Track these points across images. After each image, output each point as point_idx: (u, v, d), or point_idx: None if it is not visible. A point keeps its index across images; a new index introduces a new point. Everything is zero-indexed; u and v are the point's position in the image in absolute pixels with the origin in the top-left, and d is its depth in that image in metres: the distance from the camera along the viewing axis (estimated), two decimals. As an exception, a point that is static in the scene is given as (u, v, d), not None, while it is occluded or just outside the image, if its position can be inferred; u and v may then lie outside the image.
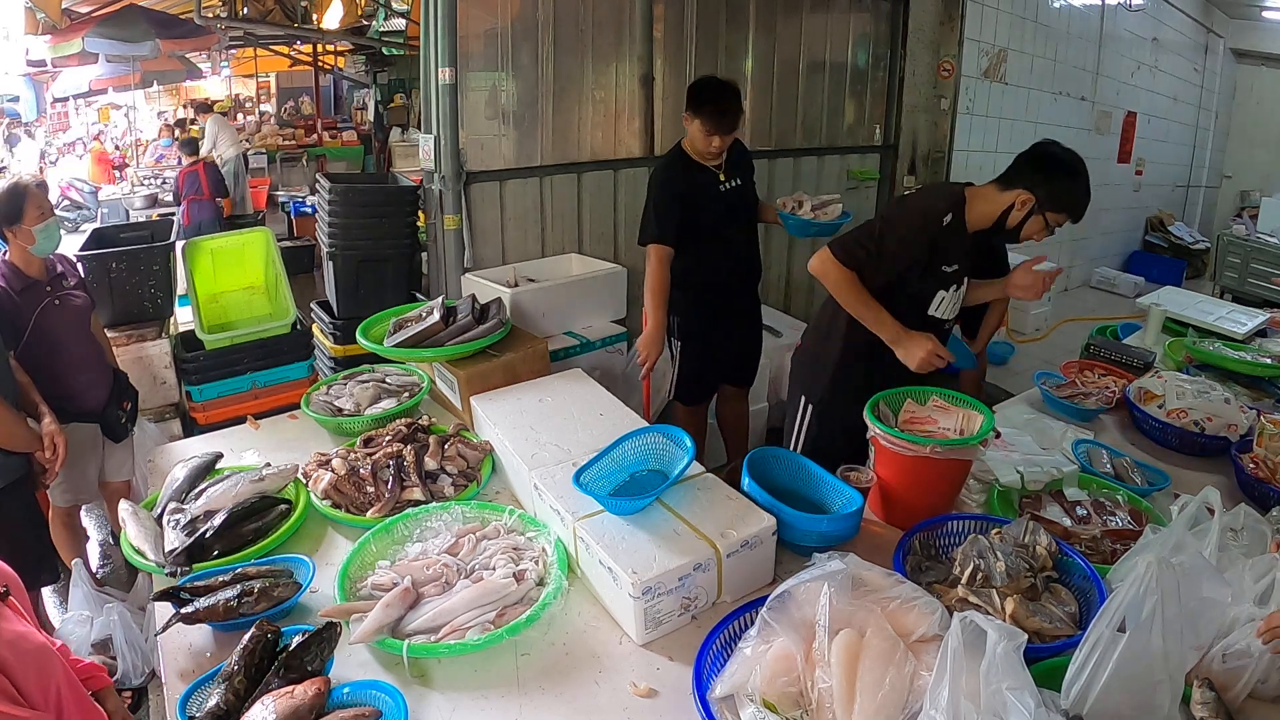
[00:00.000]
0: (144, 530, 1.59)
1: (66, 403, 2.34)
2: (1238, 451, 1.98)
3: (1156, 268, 7.56)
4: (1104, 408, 2.33)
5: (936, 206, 2.01)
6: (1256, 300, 5.09)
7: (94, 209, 8.87)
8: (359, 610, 1.36)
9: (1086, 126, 6.70)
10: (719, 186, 2.76)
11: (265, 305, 3.42)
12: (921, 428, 1.75)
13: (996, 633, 0.99)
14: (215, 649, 1.36)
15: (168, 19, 6.74)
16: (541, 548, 1.55)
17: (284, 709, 1.11)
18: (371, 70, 10.81)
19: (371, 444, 1.91)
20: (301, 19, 6.48)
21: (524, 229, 3.60)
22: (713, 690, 1.16)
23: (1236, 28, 8.47)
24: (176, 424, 3.22)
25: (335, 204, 3.19)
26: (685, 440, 1.65)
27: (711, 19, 4.07)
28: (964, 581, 1.38)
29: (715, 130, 2.62)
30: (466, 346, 2.17)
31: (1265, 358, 2.59)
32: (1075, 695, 1.09)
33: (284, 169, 9.36)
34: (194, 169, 6.69)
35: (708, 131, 2.63)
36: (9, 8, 6.10)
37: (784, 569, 1.48)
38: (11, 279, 2.30)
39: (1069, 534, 1.61)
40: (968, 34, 5.03)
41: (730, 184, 2.78)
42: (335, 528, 1.71)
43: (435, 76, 3.15)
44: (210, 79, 12.39)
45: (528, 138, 3.62)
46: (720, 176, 2.76)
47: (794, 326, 3.91)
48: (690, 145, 2.74)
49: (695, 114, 2.64)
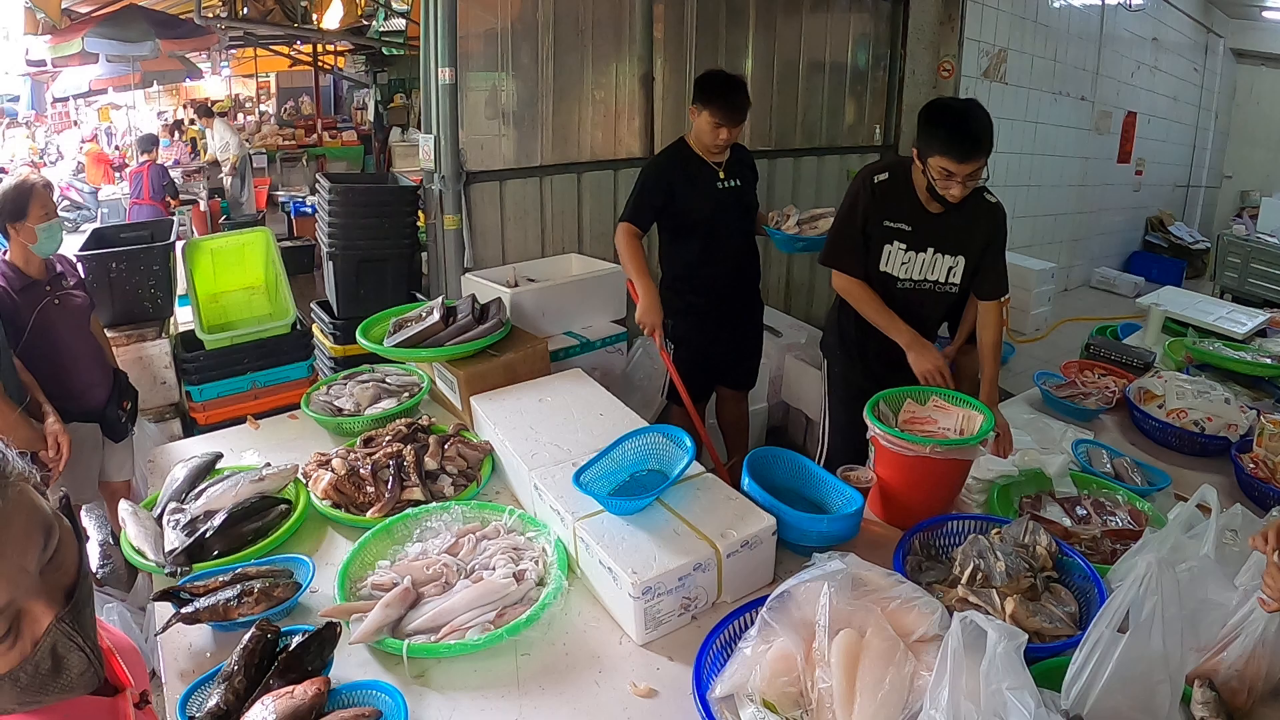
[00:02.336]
0: (144, 530, 1.59)
1: (66, 402, 2.34)
2: (1238, 451, 1.98)
3: (1156, 268, 7.56)
4: (1104, 408, 2.33)
5: (873, 169, 2.22)
6: (1256, 300, 5.10)
7: (94, 209, 8.87)
8: (359, 610, 1.36)
9: (1086, 126, 6.71)
10: (717, 183, 2.73)
11: (265, 305, 3.42)
12: (921, 428, 1.75)
13: (996, 633, 0.99)
14: (215, 649, 1.36)
15: (168, 19, 6.74)
16: (541, 548, 1.55)
17: (284, 709, 1.11)
18: (371, 70, 10.79)
19: (371, 444, 1.91)
20: (301, 19, 6.47)
21: (524, 229, 3.60)
22: (713, 690, 1.16)
23: (1236, 28, 8.48)
24: (176, 424, 3.22)
25: (335, 204, 3.19)
26: (685, 440, 1.65)
27: (711, 19, 4.07)
28: (964, 581, 1.38)
29: (724, 122, 2.59)
30: (466, 346, 2.17)
31: (1265, 358, 2.59)
32: (1075, 695, 1.09)
33: (284, 169, 9.35)
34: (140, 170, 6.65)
35: (716, 124, 2.60)
36: (9, 8, 6.11)
37: (784, 569, 1.48)
38: (11, 278, 2.30)
39: (1069, 534, 1.61)
40: (968, 34, 5.04)
41: (729, 183, 2.75)
42: (335, 528, 1.71)
43: (435, 76, 3.16)
44: (210, 79, 12.38)
45: (528, 138, 3.62)
46: (720, 174, 2.74)
47: (794, 326, 3.90)
48: (696, 139, 2.71)
49: (704, 105, 2.61)
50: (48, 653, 0.62)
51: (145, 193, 6.55)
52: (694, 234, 2.75)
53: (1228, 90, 8.89)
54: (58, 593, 0.63)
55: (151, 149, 6.95)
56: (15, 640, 0.61)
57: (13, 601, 0.59)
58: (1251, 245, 5.99)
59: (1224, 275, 6.13)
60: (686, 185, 2.70)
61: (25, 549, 0.60)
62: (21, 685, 0.62)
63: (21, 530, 0.60)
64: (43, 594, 0.62)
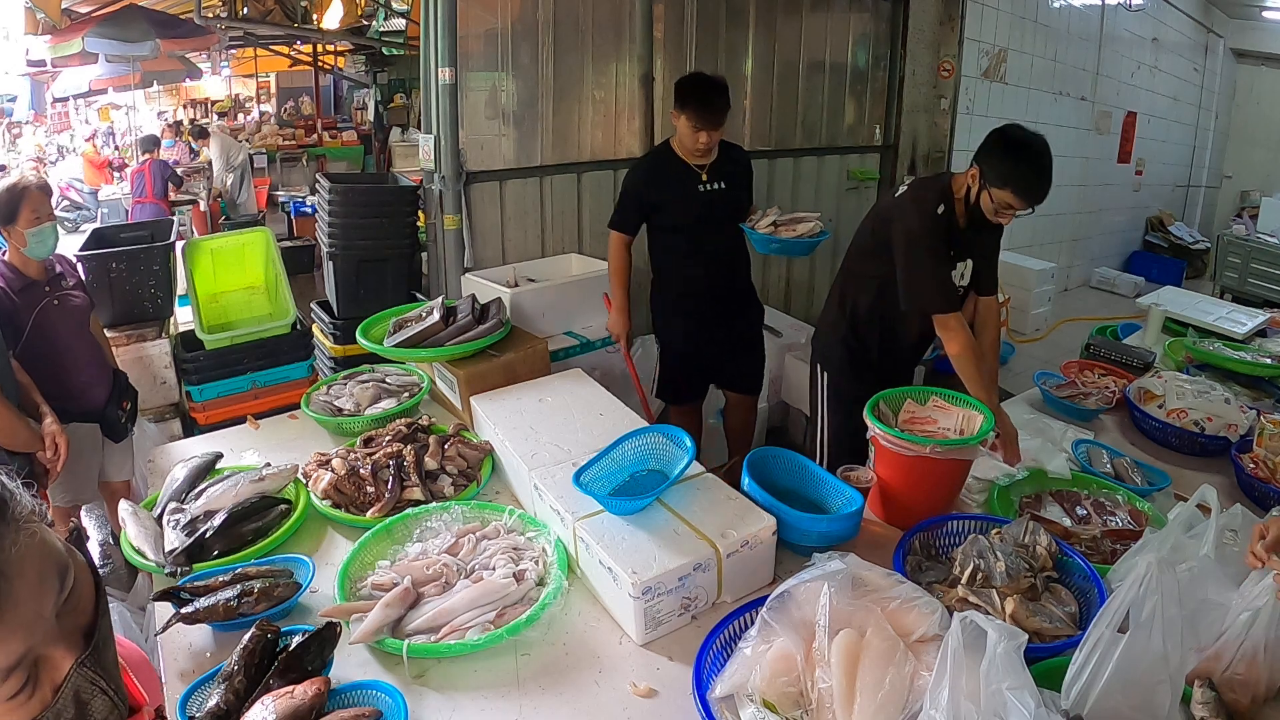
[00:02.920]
0: (144, 530, 1.59)
1: (66, 403, 2.33)
2: (1238, 451, 1.98)
3: (1156, 268, 7.57)
4: (1104, 408, 2.33)
5: (926, 200, 2.12)
6: (1256, 300, 5.10)
7: (94, 209, 8.87)
8: (359, 610, 1.36)
9: (1086, 126, 6.71)
10: (698, 186, 2.72)
11: (265, 305, 3.42)
12: (921, 428, 1.75)
13: (996, 633, 0.99)
14: (215, 649, 1.36)
15: (168, 19, 6.74)
16: (541, 548, 1.55)
17: (284, 709, 1.11)
18: (371, 70, 10.80)
19: (371, 444, 1.91)
20: (301, 19, 6.47)
21: (524, 229, 3.60)
22: (713, 690, 1.16)
23: (1236, 28, 8.48)
24: (176, 424, 3.22)
25: (335, 204, 3.19)
26: (685, 440, 1.65)
27: (711, 19, 4.07)
28: (964, 581, 1.38)
29: (702, 125, 2.59)
30: (466, 346, 2.17)
31: (1265, 358, 2.59)
32: (1075, 695, 1.09)
33: (284, 169, 9.36)
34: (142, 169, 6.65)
35: (694, 127, 2.60)
36: (9, 8, 6.11)
37: (784, 569, 1.48)
38: (10, 279, 2.30)
39: (1069, 534, 1.61)
40: (968, 34, 5.04)
41: (712, 186, 2.73)
42: (335, 528, 1.71)
43: (435, 76, 3.16)
44: (210, 79, 12.39)
45: (528, 138, 3.62)
46: (703, 177, 2.72)
47: (794, 326, 3.90)
48: (679, 143, 2.72)
49: (682, 109, 2.62)
50: (70, 700, 0.59)
51: (148, 191, 6.55)
52: (678, 235, 2.75)
53: (1228, 90, 8.89)
54: (76, 635, 0.61)
55: (153, 149, 6.95)
56: (35, 689, 0.58)
57: (31, 649, 0.57)
58: (1251, 245, 5.99)
59: (1224, 275, 6.13)
60: (667, 189, 2.71)
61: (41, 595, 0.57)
62: None
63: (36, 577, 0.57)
64: (61, 639, 0.59)
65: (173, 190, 6.85)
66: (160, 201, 6.60)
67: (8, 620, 0.54)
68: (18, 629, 0.55)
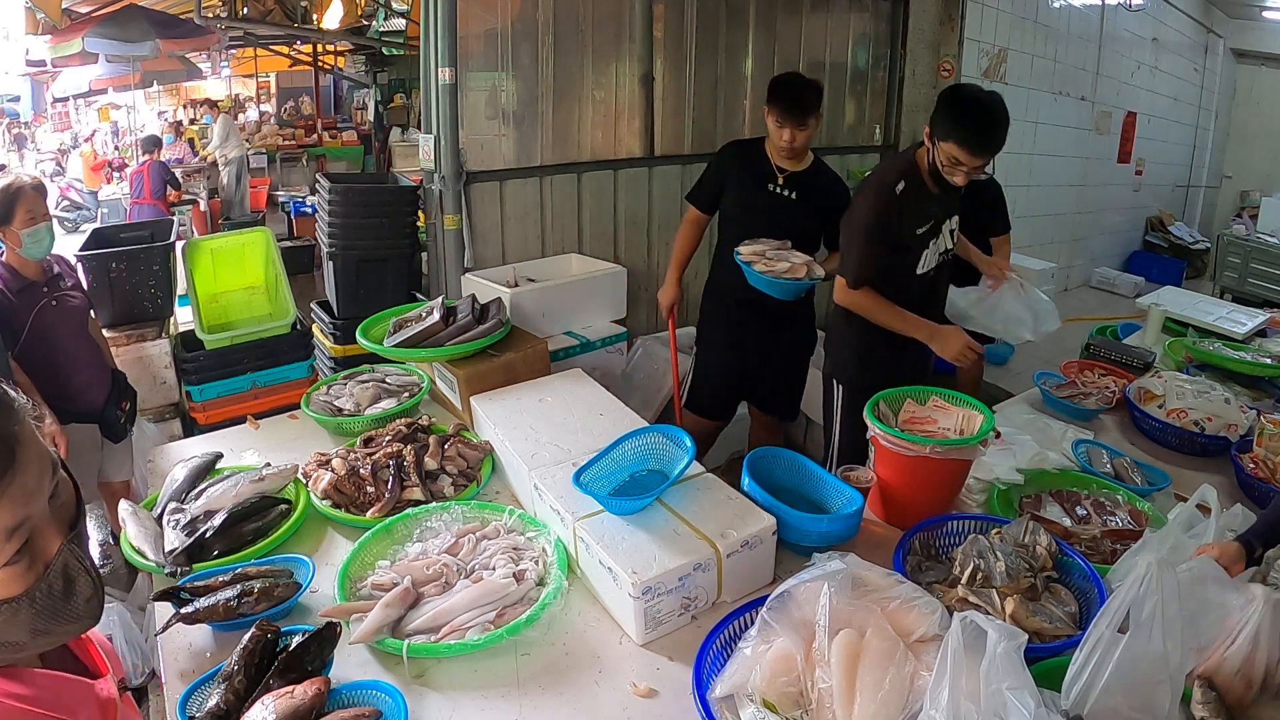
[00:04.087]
0: (144, 530, 1.59)
1: (65, 403, 2.34)
2: (1238, 451, 1.98)
3: (1156, 268, 7.56)
4: (1104, 408, 2.33)
5: (885, 181, 2.17)
6: (1256, 300, 5.10)
7: (93, 209, 8.87)
8: (359, 610, 1.36)
9: (1086, 126, 6.70)
10: (768, 184, 2.65)
11: (265, 305, 3.42)
12: (921, 428, 1.75)
13: (996, 633, 0.99)
14: (215, 649, 1.36)
15: (168, 19, 6.75)
16: (541, 548, 1.55)
17: (284, 709, 1.11)
18: (371, 70, 10.80)
19: (371, 444, 1.91)
20: (301, 19, 6.48)
21: (524, 229, 3.60)
22: (713, 690, 1.16)
23: (1236, 28, 8.47)
24: (176, 424, 3.22)
25: (335, 204, 3.19)
26: (685, 440, 1.65)
27: (711, 19, 4.07)
28: (964, 581, 1.38)
29: (784, 121, 2.56)
30: (466, 346, 2.17)
31: (1265, 358, 2.59)
32: (1075, 695, 1.09)
33: (284, 169, 9.36)
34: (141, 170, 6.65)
35: (778, 123, 2.58)
36: (9, 8, 6.12)
37: (784, 569, 1.48)
38: (8, 280, 2.30)
39: (1069, 534, 1.61)
40: (968, 34, 5.03)
41: (781, 191, 2.65)
42: (335, 528, 1.71)
43: (435, 76, 3.16)
44: (210, 79, 12.39)
45: (528, 138, 3.62)
46: (778, 179, 2.65)
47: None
48: (770, 139, 2.68)
49: (769, 104, 2.62)
50: (59, 573, 0.68)
51: (146, 192, 6.55)
52: (732, 228, 2.69)
53: (1227, 90, 8.88)
54: (63, 523, 0.69)
55: (154, 149, 6.96)
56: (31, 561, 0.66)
57: (30, 517, 0.65)
58: (1251, 245, 5.99)
59: (1224, 275, 6.13)
60: (740, 174, 2.70)
61: (41, 472, 0.66)
62: (37, 606, 0.66)
63: (35, 455, 0.65)
64: (52, 521, 0.68)
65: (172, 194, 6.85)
66: (158, 203, 6.60)
67: (17, 482, 0.63)
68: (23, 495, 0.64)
